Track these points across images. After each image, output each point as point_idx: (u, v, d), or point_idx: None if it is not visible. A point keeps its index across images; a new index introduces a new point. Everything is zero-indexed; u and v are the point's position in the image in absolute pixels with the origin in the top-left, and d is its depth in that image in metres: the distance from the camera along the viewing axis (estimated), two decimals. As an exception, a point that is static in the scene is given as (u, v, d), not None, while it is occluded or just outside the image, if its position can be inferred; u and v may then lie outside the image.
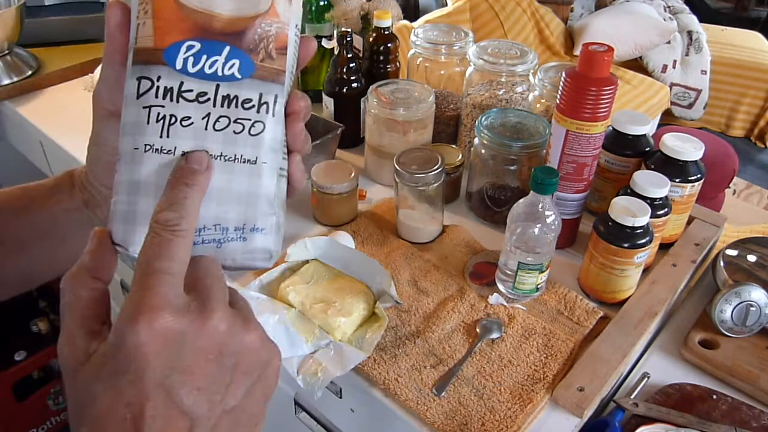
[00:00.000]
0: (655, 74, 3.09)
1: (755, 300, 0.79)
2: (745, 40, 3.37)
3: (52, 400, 1.65)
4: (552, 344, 0.76)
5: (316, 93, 1.24)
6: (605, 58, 0.75)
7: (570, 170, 0.83)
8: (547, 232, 0.77)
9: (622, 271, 0.79)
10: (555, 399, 0.70)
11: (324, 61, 1.23)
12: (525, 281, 0.80)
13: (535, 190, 0.75)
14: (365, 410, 0.79)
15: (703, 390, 0.74)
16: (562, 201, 0.85)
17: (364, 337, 0.74)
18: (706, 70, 3.13)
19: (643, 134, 0.89)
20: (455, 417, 0.68)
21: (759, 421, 0.71)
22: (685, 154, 0.83)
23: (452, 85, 1.11)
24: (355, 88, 1.08)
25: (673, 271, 0.87)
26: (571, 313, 0.81)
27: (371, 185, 1.05)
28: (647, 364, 0.80)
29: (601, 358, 0.74)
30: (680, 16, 3.23)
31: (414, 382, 0.71)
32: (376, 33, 1.11)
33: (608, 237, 0.78)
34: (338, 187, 0.90)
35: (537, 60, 1.02)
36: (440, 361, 0.74)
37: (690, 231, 0.93)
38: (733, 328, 0.80)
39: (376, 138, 1.00)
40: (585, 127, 0.78)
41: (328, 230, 0.94)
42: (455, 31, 1.11)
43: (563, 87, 0.78)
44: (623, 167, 0.89)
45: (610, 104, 0.78)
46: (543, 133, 0.89)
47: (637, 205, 0.77)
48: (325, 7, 1.19)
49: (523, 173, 0.91)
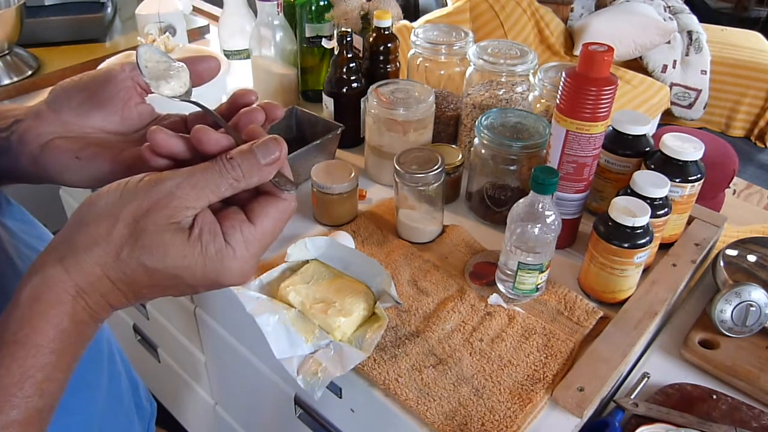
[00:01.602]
0: (655, 74, 3.09)
1: (755, 300, 0.79)
2: (745, 40, 3.37)
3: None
4: (552, 344, 0.76)
5: (316, 93, 1.24)
6: (605, 58, 0.75)
7: (570, 170, 0.83)
8: (547, 232, 0.77)
9: (622, 271, 0.79)
10: (555, 399, 0.70)
11: (324, 61, 1.23)
12: (525, 281, 0.80)
13: (535, 190, 0.75)
14: (365, 410, 0.79)
15: (703, 390, 0.74)
16: (562, 201, 0.85)
17: (364, 337, 0.74)
18: (706, 70, 3.13)
19: (643, 134, 0.89)
20: (455, 417, 0.68)
21: (759, 421, 0.71)
22: (685, 154, 0.83)
23: (452, 85, 1.11)
24: (355, 88, 1.08)
25: (673, 271, 0.87)
26: (571, 313, 0.81)
27: (371, 185, 1.05)
28: (647, 364, 0.80)
29: (601, 358, 0.74)
30: (680, 16, 3.23)
31: (414, 382, 0.71)
32: (376, 33, 1.11)
33: (608, 237, 0.78)
34: (338, 187, 0.90)
35: (537, 60, 1.02)
36: (440, 361, 0.74)
37: (690, 231, 0.93)
38: (733, 328, 0.80)
39: (376, 138, 1.00)
40: (585, 127, 0.78)
41: (328, 230, 0.94)
42: (455, 31, 1.11)
43: (563, 87, 0.78)
44: (623, 167, 0.89)
45: (610, 104, 0.78)
46: (543, 133, 0.89)
47: (637, 205, 0.77)
48: (325, 7, 1.19)
49: (523, 173, 0.91)
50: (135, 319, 1.42)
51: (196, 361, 1.22)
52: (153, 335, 1.39)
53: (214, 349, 1.13)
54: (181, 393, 1.42)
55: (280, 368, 0.92)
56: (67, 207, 1.40)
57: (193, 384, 1.32)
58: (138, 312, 1.35)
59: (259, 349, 0.98)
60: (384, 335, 0.76)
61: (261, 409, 1.11)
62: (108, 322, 0.46)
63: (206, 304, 1.06)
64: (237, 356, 1.03)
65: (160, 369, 1.45)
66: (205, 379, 1.25)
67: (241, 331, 1.01)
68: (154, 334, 1.38)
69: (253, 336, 0.98)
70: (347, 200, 0.93)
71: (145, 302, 0.40)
